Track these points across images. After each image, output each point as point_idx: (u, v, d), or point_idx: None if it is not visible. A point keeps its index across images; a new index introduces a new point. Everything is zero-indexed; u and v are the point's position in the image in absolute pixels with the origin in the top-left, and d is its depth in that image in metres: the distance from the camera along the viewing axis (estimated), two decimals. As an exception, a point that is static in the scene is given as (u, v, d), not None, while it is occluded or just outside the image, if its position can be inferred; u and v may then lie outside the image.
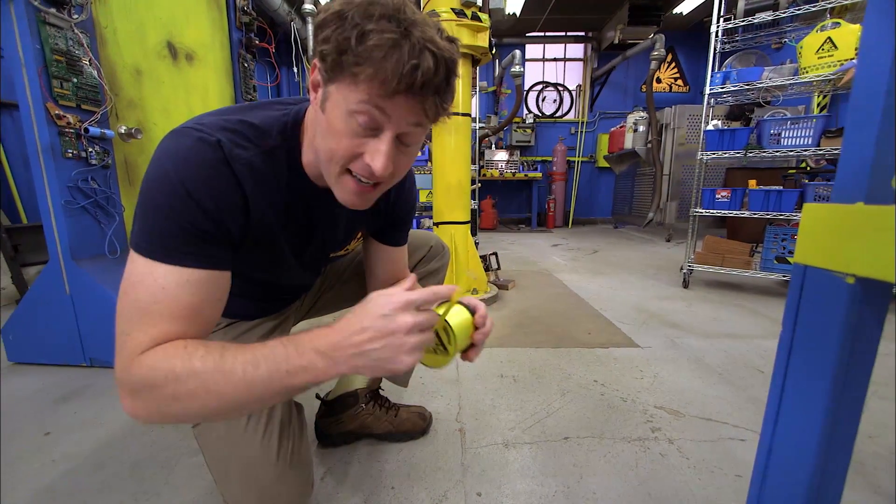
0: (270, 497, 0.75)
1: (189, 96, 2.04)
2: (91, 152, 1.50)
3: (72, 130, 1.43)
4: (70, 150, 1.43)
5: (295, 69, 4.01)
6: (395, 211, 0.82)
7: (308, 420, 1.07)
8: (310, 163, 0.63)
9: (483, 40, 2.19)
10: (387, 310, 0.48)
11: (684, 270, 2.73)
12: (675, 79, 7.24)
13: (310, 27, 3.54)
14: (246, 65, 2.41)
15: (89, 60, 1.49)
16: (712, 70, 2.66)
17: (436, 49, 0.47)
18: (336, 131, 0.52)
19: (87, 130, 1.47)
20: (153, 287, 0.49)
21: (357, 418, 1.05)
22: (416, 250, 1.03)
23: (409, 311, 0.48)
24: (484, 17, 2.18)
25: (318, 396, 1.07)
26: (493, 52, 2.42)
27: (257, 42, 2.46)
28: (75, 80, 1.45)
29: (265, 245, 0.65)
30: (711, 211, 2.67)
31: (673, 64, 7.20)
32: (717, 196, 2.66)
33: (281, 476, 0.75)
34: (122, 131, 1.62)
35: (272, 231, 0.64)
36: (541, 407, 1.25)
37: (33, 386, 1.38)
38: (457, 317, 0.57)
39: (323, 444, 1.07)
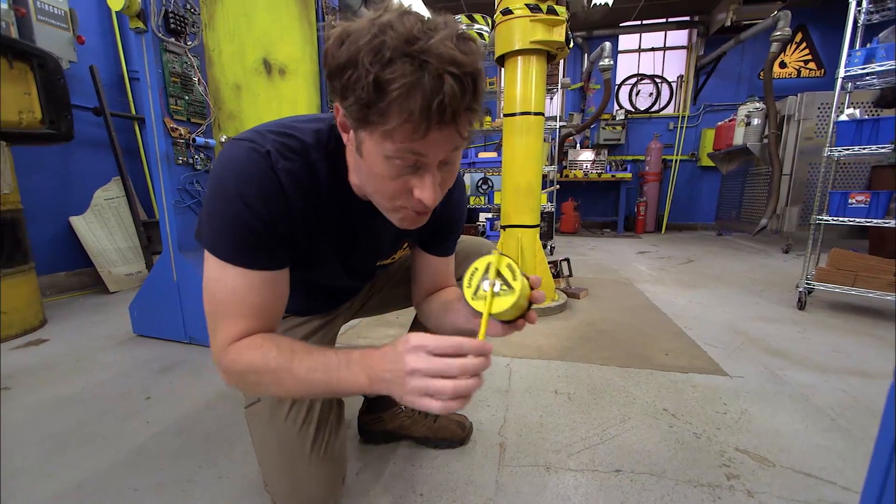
0: (303, 485, 0.79)
1: (280, 107, 2.26)
2: (197, 159, 1.74)
3: (182, 141, 1.68)
4: (180, 158, 1.68)
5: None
6: (442, 221, 0.81)
7: (352, 415, 1.12)
8: (356, 183, 0.65)
9: (559, 35, 2.08)
10: (401, 348, 0.50)
11: (800, 289, 2.30)
12: (806, 62, 6.15)
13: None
14: (331, 75, 2.59)
15: (198, 80, 1.73)
16: (850, 47, 2.20)
17: (456, 69, 0.45)
18: (379, 175, 0.54)
19: (194, 140, 1.71)
20: (226, 290, 0.58)
21: (396, 419, 1.07)
22: (467, 258, 0.99)
23: (418, 354, 0.48)
24: (561, 10, 2.06)
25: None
26: (571, 45, 2.28)
27: (342, 53, 2.64)
28: (187, 97, 1.70)
29: (310, 250, 0.69)
30: (841, 219, 2.20)
31: (804, 44, 6.13)
32: (849, 200, 2.19)
33: (313, 466, 0.79)
34: (223, 140, 1.85)
35: (315, 237, 0.67)
36: (594, 431, 1.14)
37: (146, 356, 1.65)
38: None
39: (364, 440, 1.10)
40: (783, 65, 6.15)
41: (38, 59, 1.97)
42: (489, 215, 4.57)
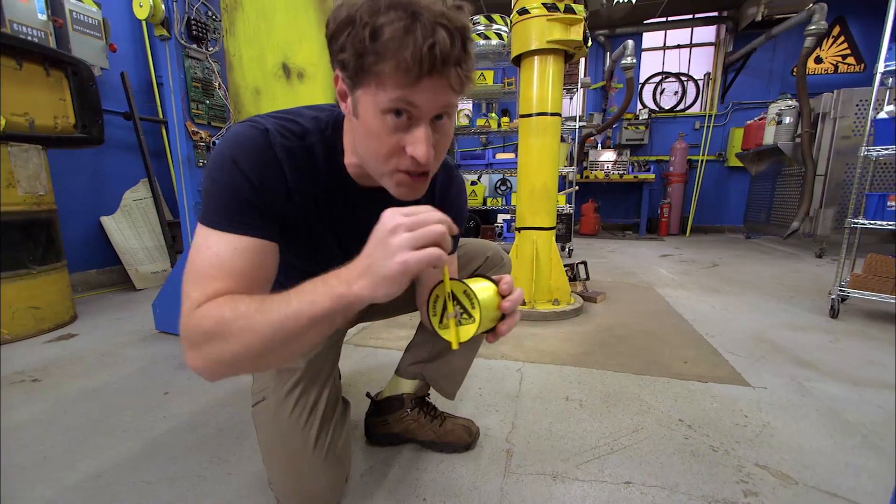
0: (304, 484, 0.80)
1: (298, 110, 2.31)
2: (216, 161, 1.79)
3: (203, 144, 1.73)
4: (201, 160, 1.73)
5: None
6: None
7: (360, 417, 1.12)
8: (352, 164, 0.66)
9: (577, 34, 2.04)
10: (377, 226, 0.48)
11: (833, 296, 2.18)
12: (844, 56, 5.85)
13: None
14: (349, 78, 2.63)
15: (219, 84, 1.78)
16: (891, 40, 2.07)
17: (447, 22, 0.48)
18: (373, 133, 0.54)
19: (214, 143, 1.76)
20: (209, 254, 0.55)
21: (402, 422, 1.06)
22: (472, 260, 0.99)
23: (394, 215, 0.48)
24: (578, 8, 2.03)
25: (368, 395, 1.11)
26: (589, 44, 2.24)
27: (360, 56, 2.67)
28: (208, 101, 1.75)
29: (309, 233, 0.70)
30: (879, 222, 2.08)
31: (842, 38, 5.83)
32: (888, 203, 2.07)
33: (315, 466, 0.79)
34: (242, 143, 1.90)
35: (313, 220, 0.68)
36: (605, 441, 1.11)
37: (167, 352, 1.71)
38: (475, 283, 0.54)
39: (370, 442, 1.10)
40: (819, 60, 5.88)
41: (72, 67, 2.07)
42: (507, 217, 4.53)
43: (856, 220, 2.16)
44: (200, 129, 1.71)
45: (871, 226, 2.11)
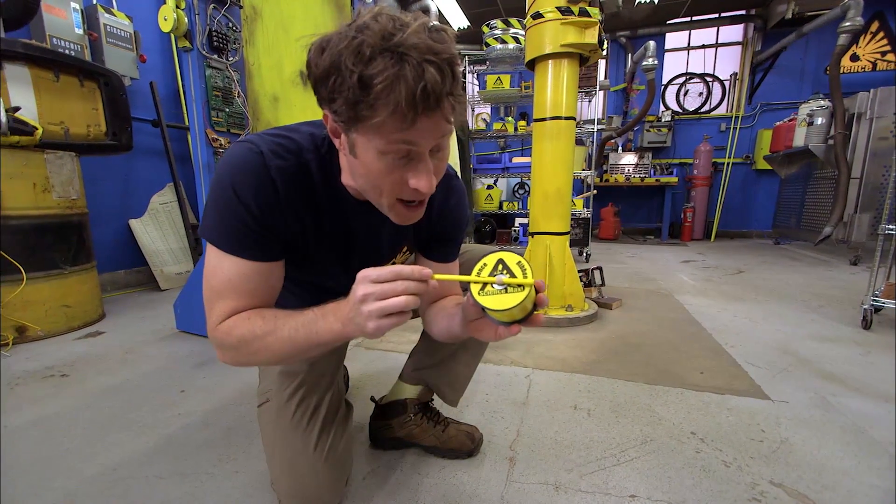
0: (305, 484, 0.81)
1: (315, 115, 2.33)
2: (235, 167, 1.85)
3: (222, 150, 1.79)
4: (220, 166, 1.79)
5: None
6: (439, 226, 0.81)
7: (366, 420, 1.13)
8: (350, 185, 0.67)
9: (591, 37, 2.02)
10: (352, 291, 0.54)
11: (866, 306, 2.07)
12: (883, 53, 5.56)
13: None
14: (365, 84, 2.67)
15: (238, 93, 1.84)
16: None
17: (434, 57, 0.47)
18: (374, 171, 0.56)
19: (232, 149, 1.82)
20: (222, 277, 0.63)
21: (405, 427, 1.07)
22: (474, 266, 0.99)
23: (363, 284, 0.52)
24: (593, 11, 2.00)
25: (372, 399, 1.12)
26: (605, 47, 2.21)
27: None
28: (227, 109, 1.81)
29: (309, 248, 0.71)
30: (915, 229, 1.96)
31: (881, 34, 5.55)
32: (926, 209, 1.95)
33: (315, 468, 0.81)
34: (259, 149, 1.96)
35: (310, 235, 0.70)
36: (611, 452, 1.09)
37: (185, 351, 1.77)
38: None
39: (374, 446, 1.11)
40: (855, 58, 5.60)
41: (105, 78, 2.18)
42: (524, 220, 4.50)
43: (891, 227, 2.04)
44: (220, 136, 1.78)
45: (908, 232, 1.99)
